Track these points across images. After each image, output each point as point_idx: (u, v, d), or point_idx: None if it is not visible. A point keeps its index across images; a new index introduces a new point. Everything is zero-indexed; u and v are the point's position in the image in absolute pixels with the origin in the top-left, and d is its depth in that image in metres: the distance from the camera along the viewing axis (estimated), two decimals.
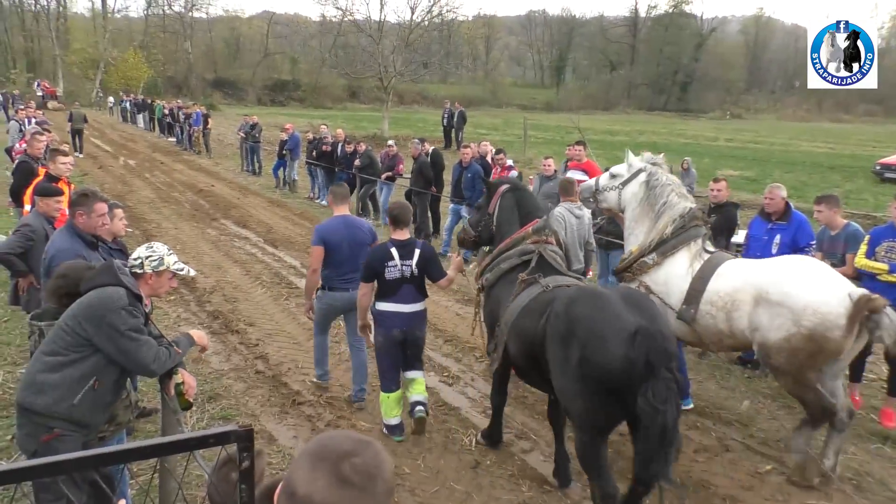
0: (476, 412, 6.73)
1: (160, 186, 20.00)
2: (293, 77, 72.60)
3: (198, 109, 29.51)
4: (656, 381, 3.95)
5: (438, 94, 69.62)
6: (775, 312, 5.26)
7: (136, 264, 4.11)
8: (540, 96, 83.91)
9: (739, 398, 7.19)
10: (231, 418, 6.40)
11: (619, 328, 4.16)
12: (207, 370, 7.38)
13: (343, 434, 1.63)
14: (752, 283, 5.49)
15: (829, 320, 5.05)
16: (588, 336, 4.26)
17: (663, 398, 3.93)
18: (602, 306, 4.36)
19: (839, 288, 5.21)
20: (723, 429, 6.48)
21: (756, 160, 31.00)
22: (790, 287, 5.26)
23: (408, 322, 6.08)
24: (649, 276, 6.15)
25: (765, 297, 5.35)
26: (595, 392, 4.24)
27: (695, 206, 6.33)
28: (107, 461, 1.80)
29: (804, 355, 5.17)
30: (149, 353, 3.84)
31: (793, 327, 5.15)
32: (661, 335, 4.10)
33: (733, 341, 5.73)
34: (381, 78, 37.92)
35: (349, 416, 6.55)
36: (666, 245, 6.12)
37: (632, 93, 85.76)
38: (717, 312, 5.66)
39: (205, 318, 9.16)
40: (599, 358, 4.16)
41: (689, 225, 6.16)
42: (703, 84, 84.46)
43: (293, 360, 7.82)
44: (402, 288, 6.01)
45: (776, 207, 7.55)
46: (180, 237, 13.55)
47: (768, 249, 7.43)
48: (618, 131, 46.13)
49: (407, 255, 6.00)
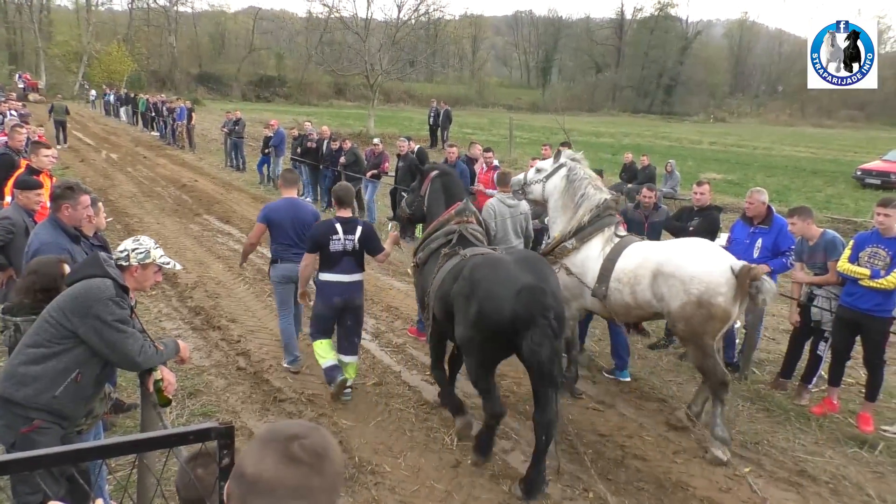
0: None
1: (143, 181, 19.85)
2: (278, 73, 72.33)
3: (182, 104, 29.28)
4: (535, 328, 4.93)
5: (424, 92, 69.67)
6: (670, 283, 6.03)
7: (122, 256, 4.09)
8: (526, 97, 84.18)
9: None
10: (211, 415, 6.37)
11: (508, 287, 5.09)
12: (188, 366, 7.33)
13: (292, 421, 1.64)
14: (650, 260, 6.27)
15: (712, 287, 5.85)
16: (484, 294, 5.20)
17: (539, 341, 4.93)
18: (497, 270, 5.31)
19: (721, 261, 5.98)
20: (701, 430, 6.52)
21: (739, 164, 31.23)
22: (680, 261, 6.05)
23: (347, 291, 6.72)
24: (569, 259, 6.90)
25: (661, 271, 6.12)
26: (487, 338, 5.24)
27: (609, 197, 7.07)
28: (85, 457, 1.79)
29: (697, 321, 5.91)
30: (135, 345, 3.82)
31: (684, 295, 5.93)
32: (541, 291, 5.02)
33: (640, 311, 6.47)
34: (368, 75, 37.82)
35: (331, 413, 6.54)
36: (583, 231, 6.89)
37: (617, 95, 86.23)
38: (624, 287, 6.42)
39: (186, 314, 9.11)
40: (491, 311, 5.12)
41: (604, 214, 6.93)
42: (687, 87, 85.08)
43: (275, 357, 7.79)
44: (343, 260, 6.68)
45: (757, 211, 7.60)
46: (163, 232, 13.47)
47: (750, 253, 7.48)
48: (603, 133, 46.33)
49: (350, 231, 6.70)
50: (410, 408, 6.75)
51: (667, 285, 6.06)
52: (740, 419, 6.85)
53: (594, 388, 7.41)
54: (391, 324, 9.12)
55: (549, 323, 4.94)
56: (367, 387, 7.19)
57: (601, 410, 6.89)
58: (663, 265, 6.12)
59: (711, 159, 32.50)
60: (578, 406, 6.96)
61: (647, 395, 7.27)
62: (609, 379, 7.67)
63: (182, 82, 65.21)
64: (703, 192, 8.40)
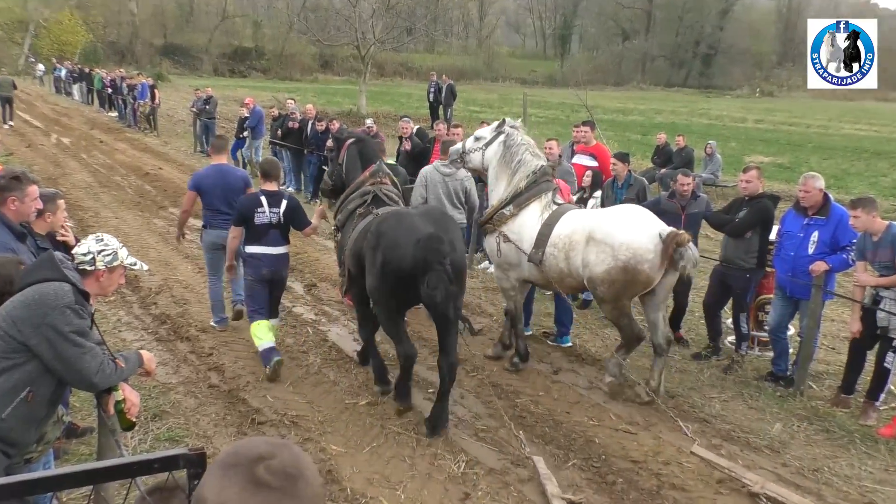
0: (465, 433, 6.71)
1: (99, 169, 19.87)
2: (255, 44, 72.29)
3: (144, 80, 29.29)
4: (432, 273, 5.97)
5: (424, 65, 69.58)
6: (600, 249, 7.05)
7: (85, 260, 4.05)
8: (542, 69, 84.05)
9: (770, 420, 7.22)
10: (179, 440, 6.37)
11: (409, 236, 6.25)
12: (152, 384, 7.33)
13: (256, 438, 1.61)
14: (584, 227, 7.26)
15: (639, 254, 6.89)
16: (388, 244, 6.37)
17: (435, 284, 5.96)
18: (401, 222, 6.50)
19: (651, 228, 7.02)
20: (751, 455, 6.49)
21: (790, 145, 31.18)
22: (611, 228, 7.05)
23: (274, 263, 7.82)
24: (507, 226, 7.85)
25: (593, 237, 7.11)
26: (392, 285, 6.41)
27: (546, 163, 8.14)
28: (35, 489, 1.76)
29: (620, 285, 7.01)
30: (93, 362, 3.78)
31: (612, 261, 6.95)
32: (438, 239, 6.10)
33: (572, 280, 7.44)
34: (358, 46, 37.75)
35: (318, 437, 6.53)
36: (520, 198, 7.83)
37: (647, 66, 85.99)
38: (559, 253, 7.40)
39: (150, 323, 9.11)
40: (394, 259, 6.28)
41: (541, 180, 7.87)
42: (728, 56, 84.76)
43: (253, 373, 7.78)
44: (268, 233, 7.74)
45: (812, 200, 7.57)
46: (122, 228, 13.48)
47: (804, 247, 7.45)
48: (631, 110, 46.28)
49: (275, 204, 7.75)
50: (410, 430, 6.73)
51: (596, 251, 7.07)
52: (796, 442, 6.82)
53: (624, 407, 7.39)
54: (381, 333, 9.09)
55: (445, 269, 6.02)
56: (360, 406, 7.18)
57: (633, 433, 6.86)
58: (596, 232, 7.11)
59: (757, 140, 32.46)
60: (606, 427, 6.94)
61: (686, 415, 7.24)
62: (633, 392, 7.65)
63: (144, 55, 65.22)
64: (750, 180, 8.35)
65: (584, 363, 8.45)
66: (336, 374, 7.89)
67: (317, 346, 8.60)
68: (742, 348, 8.55)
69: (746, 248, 8.22)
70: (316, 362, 8.16)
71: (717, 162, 19.02)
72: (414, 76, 68.88)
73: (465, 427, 6.87)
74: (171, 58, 66.93)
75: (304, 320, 9.43)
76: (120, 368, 4.00)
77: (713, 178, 18.52)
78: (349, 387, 7.57)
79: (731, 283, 8.42)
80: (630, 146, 24.21)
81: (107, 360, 3.88)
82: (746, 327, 8.52)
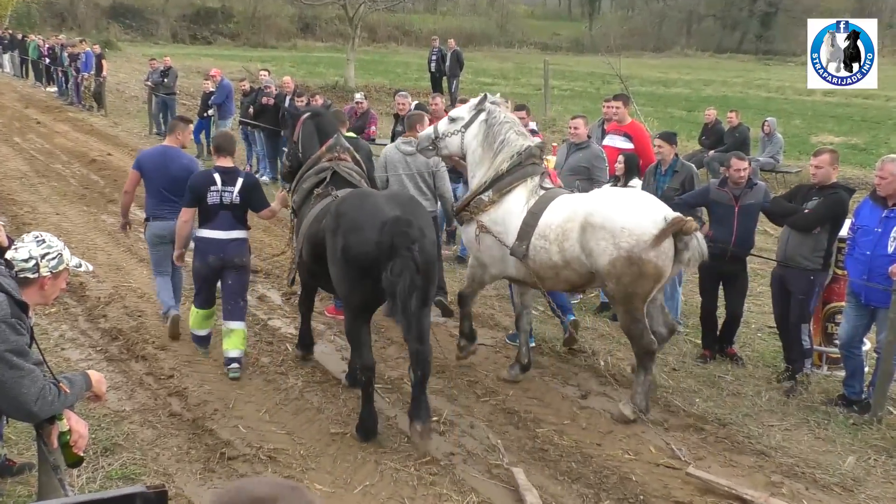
0: (475, 469, 6.75)
1: (36, 155, 19.94)
2: (222, 4, 72.39)
3: (88, 49, 29.33)
4: (397, 259, 6.33)
5: (425, 28, 69.61)
6: (599, 236, 7.26)
7: (27, 267, 4.07)
8: (566, 32, 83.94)
9: (842, 453, 7.24)
10: (136, 478, 6.38)
11: (373, 219, 6.60)
12: (102, 411, 7.37)
13: (262, 479, 1.63)
14: (578, 212, 7.48)
15: (643, 241, 7.12)
16: (349, 226, 6.73)
17: (399, 272, 6.31)
18: (364, 203, 6.88)
19: (655, 212, 7.31)
20: (819, 495, 6.51)
21: (866, 122, 31.06)
22: (610, 211, 7.31)
23: (224, 248, 8.18)
24: (488, 215, 8.05)
25: (590, 223, 7.33)
26: (355, 275, 6.75)
27: (533, 144, 8.26)
28: None
29: (628, 279, 7.22)
30: (32, 387, 3.78)
31: (614, 250, 7.18)
32: (407, 223, 6.49)
33: (569, 272, 7.67)
34: (345, 5, 37.78)
35: (300, 475, 6.55)
36: (502, 181, 8.02)
37: (693, 28, 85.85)
38: (550, 245, 7.60)
39: (99, 339, 9.15)
40: (355, 243, 6.62)
41: (526, 162, 8.06)
42: (791, 16, 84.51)
43: (221, 398, 7.82)
44: (219, 214, 8.15)
45: (892, 188, 7.58)
46: (64, 226, 13.52)
47: (883, 244, 7.47)
48: (674, 81, 46.25)
49: (229, 182, 8.17)
50: (410, 466, 6.77)
51: (595, 238, 7.28)
52: (872, 478, 6.84)
53: (666, 437, 7.41)
54: (381, 350, 9.19)
55: (413, 255, 6.37)
56: (350, 438, 7.21)
57: (677, 468, 6.89)
58: (593, 216, 7.36)
59: (827, 115, 32.37)
60: (645, 462, 6.97)
61: (740, 447, 7.26)
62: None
63: (88, 18, 65.27)
64: (821, 165, 8.34)
65: (618, 385, 8.47)
66: (321, 400, 7.92)
67: (297, 366, 8.64)
68: (806, 366, 8.56)
69: (813, 245, 8.23)
70: (297, 385, 8.19)
71: (777, 143, 18.97)
72: (412, 42, 68.83)
73: (475, 462, 6.91)
74: (120, 21, 66.92)
75: (282, 335, 9.47)
76: (64, 394, 4.00)
77: (772, 163, 18.50)
78: (336, 414, 7.60)
79: (792, 288, 8.43)
80: (673, 125, 24.16)
81: (48, 384, 3.88)
82: (810, 341, 8.53)
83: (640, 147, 10.85)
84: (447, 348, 9.10)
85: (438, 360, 8.80)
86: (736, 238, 8.75)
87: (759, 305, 10.91)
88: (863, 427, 7.68)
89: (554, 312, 9.59)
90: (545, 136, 16.74)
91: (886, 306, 7.64)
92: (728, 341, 9.17)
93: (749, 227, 8.85)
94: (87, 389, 4.30)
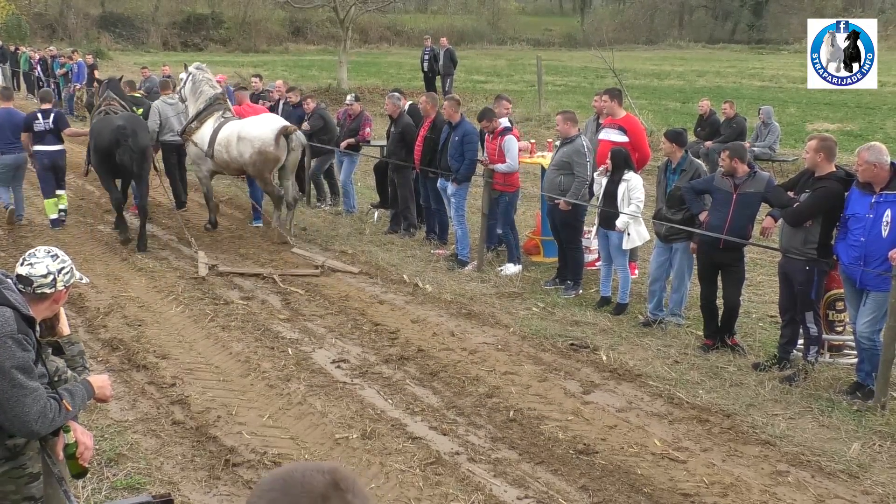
0: (481, 468, 6.76)
1: (28, 167, 19.86)
2: (212, 10, 72.32)
3: (80, 59, 29.31)
4: (119, 147, 12.41)
5: (416, 28, 69.52)
6: (244, 143, 12.97)
7: (45, 282, 4.07)
8: (559, 27, 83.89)
9: (847, 440, 7.26)
10: (140, 487, 6.40)
11: (108, 127, 12.70)
12: (105, 422, 7.38)
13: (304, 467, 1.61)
14: (234, 131, 13.22)
15: (265, 142, 12.86)
16: (97, 133, 13.02)
17: (122, 153, 12.43)
18: (106, 120, 13.06)
19: (273, 124, 13.23)
20: (825, 482, 6.52)
21: (861, 108, 31.07)
22: (249, 129, 13.19)
23: (51, 156, 14.03)
24: (195, 135, 13.83)
25: (240, 136, 13.09)
26: (101, 159, 12.96)
27: (219, 92, 14.45)
28: None
29: (261, 163, 12.94)
30: (34, 406, 3.76)
31: (252, 150, 12.88)
32: (123, 127, 12.49)
33: (236, 166, 13.40)
34: (336, 8, 37.68)
35: None
36: (200, 115, 13.95)
37: (686, 20, 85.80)
38: (223, 150, 13.30)
39: (99, 350, 9.15)
40: (99, 141, 12.84)
41: (214, 104, 14.02)
42: (783, 5, 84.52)
43: (224, 405, 7.83)
44: (46, 136, 13.85)
45: (871, 175, 7.67)
46: (60, 237, 13.48)
47: (877, 231, 7.50)
48: (668, 73, 46.21)
49: (46, 117, 13.84)
50: (415, 467, 6.78)
51: (242, 144, 12.97)
52: (878, 464, 6.86)
53: (670, 427, 7.43)
54: (382, 350, 9.21)
55: (129, 145, 12.38)
56: (354, 441, 7.22)
57: (682, 460, 6.90)
58: (240, 132, 13.08)
59: (822, 103, 32.33)
60: (650, 455, 6.98)
61: (745, 437, 7.28)
62: (677, 403, 7.68)
63: (79, 28, 65.13)
64: (807, 151, 8.43)
65: (622, 379, 8.49)
66: (324, 404, 7.92)
67: (299, 371, 8.64)
68: (811, 354, 8.57)
69: (804, 237, 8.27)
70: (299, 390, 8.20)
71: (774, 131, 18.95)
72: (405, 42, 68.75)
73: (481, 461, 6.92)
74: (110, 30, 66.81)
75: (283, 340, 9.47)
76: (65, 411, 3.97)
77: (769, 153, 18.47)
78: (340, 418, 7.60)
79: (791, 278, 8.47)
80: (668, 117, 24.20)
81: (50, 402, 3.85)
82: (817, 328, 8.54)
83: (635, 140, 10.91)
84: (447, 348, 9.12)
85: (439, 360, 8.83)
86: (729, 226, 8.77)
87: (759, 295, 10.92)
88: (867, 414, 7.70)
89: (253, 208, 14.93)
90: (540, 133, 16.73)
91: (880, 290, 7.69)
92: (728, 331, 9.19)
93: (745, 216, 8.85)
94: (90, 398, 4.28)
